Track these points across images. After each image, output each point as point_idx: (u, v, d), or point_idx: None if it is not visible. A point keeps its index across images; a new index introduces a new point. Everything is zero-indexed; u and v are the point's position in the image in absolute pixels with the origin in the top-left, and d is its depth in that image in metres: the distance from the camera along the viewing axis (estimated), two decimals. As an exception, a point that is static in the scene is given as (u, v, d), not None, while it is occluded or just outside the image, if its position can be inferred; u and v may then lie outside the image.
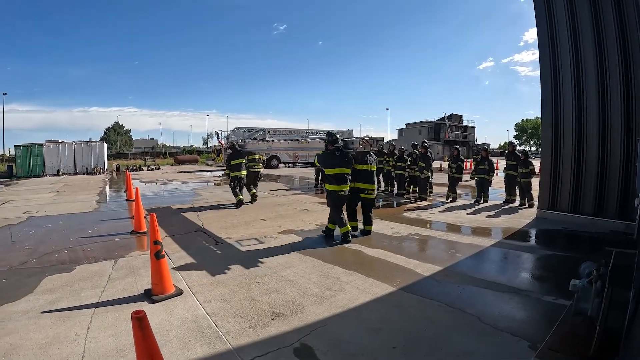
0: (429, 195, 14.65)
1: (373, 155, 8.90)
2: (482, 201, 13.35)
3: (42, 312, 4.75)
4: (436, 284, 5.55)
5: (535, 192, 11.78)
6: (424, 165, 14.10)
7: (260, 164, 14.48)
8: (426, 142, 15.00)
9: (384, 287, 5.42)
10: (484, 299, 5.03)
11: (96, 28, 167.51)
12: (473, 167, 14.36)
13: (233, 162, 13.34)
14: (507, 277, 5.90)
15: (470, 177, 14.62)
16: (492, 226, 9.61)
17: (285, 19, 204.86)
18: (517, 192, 13.26)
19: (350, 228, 8.23)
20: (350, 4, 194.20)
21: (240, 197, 13.19)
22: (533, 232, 9.16)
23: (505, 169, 13.73)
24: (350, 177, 8.26)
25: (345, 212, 8.48)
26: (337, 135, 8.75)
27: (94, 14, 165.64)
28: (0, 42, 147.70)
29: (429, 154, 14.38)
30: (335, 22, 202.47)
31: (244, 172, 13.50)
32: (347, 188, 8.21)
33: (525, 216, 10.88)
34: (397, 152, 16.27)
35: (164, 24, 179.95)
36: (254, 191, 14.05)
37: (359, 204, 8.72)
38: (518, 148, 14.31)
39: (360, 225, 8.85)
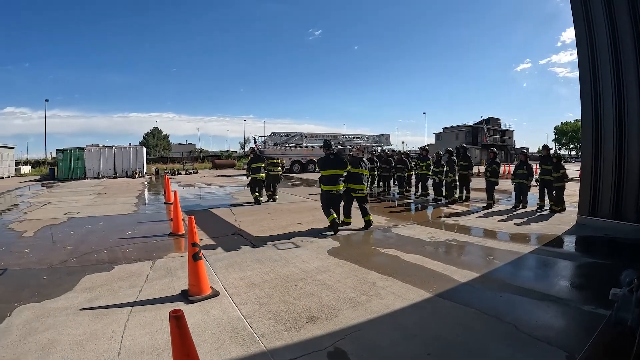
0: (459, 200, 14.69)
1: (365, 160, 10.37)
2: (520, 206, 13.03)
3: (81, 309, 4.86)
4: (473, 291, 5.45)
5: (572, 197, 11.46)
6: (437, 170, 14.86)
7: (279, 167, 16.06)
8: (451, 148, 15.05)
9: (420, 293, 5.34)
10: (521, 307, 4.89)
11: (135, 37, 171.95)
12: (512, 172, 14.02)
13: (253, 166, 14.78)
14: (545, 284, 5.74)
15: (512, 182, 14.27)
16: (531, 232, 9.38)
17: (321, 24, 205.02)
18: (546, 198, 13.00)
19: (334, 217, 9.44)
20: (384, 8, 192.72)
21: (256, 194, 14.63)
22: (572, 239, 8.89)
23: (540, 173, 13.38)
24: (343, 178, 9.66)
25: (342, 210, 10.14)
26: (331, 142, 10.27)
27: (132, 23, 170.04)
28: (42, 51, 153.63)
29: (441, 158, 15.15)
30: (370, 27, 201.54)
31: (262, 175, 14.91)
32: (340, 188, 9.60)
33: (565, 222, 10.55)
34: (430, 157, 16.19)
35: (201, 32, 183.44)
36: (276, 197, 15.60)
37: (354, 201, 10.19)
38: (552, 152, 13.80)
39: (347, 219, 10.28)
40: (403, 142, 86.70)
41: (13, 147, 43.63)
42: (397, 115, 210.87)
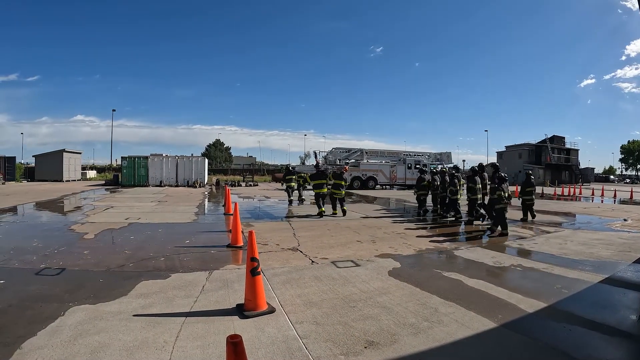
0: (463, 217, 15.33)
1: (343, 174, 17.04)
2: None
3: (134, 315, 4.91)
4: (541, 323, 5.15)
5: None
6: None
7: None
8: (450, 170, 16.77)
9: (484, 322, 5.06)
10: (591, 342, 4.62)
11: (200, 54, 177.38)
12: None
13: (287, 177, 22.01)
14: (617, 318, 5.36)
15: None
16: (600, 259, 8.83)
17: (382, 40, 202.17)
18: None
19: (324, 210, 15.66)
20: (446, 26, 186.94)
21: (290, 196, 21.43)
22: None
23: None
24: (327, 185, 16.65)
25: (330, 204, 16.43)
26: (319, 163, 17.95)
27: (198, 44, 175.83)
28: (113, 64, 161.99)
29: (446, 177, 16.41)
30: (431, 44, 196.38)
31: (293, 184, 21.83)
32: (324, 191, 16.41)
33: (635, 249, 9.89)
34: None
35: (264, 48, 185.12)
36: (303, 198, 22.50)
37: (336, 200, 16.25)
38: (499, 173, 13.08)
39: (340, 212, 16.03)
40: (464, 161, 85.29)
41: (80, 153, 46.72)
42: (457, 133, 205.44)
